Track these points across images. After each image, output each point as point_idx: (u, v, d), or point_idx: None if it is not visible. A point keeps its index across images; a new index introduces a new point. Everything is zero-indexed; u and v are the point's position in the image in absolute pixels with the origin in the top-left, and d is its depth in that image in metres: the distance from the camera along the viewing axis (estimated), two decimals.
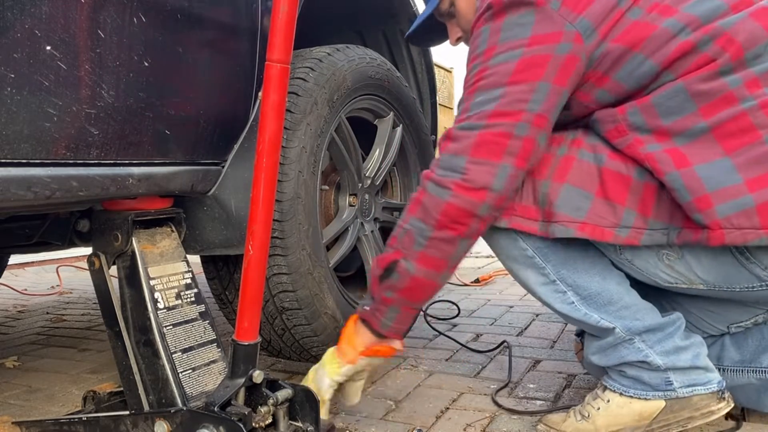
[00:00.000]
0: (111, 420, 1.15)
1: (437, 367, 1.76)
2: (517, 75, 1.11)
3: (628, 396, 1.18)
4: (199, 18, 1.18)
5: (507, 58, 1.12)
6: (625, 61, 1.11)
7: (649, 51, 1.10)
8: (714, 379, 1.16)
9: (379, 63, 1.69)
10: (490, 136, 1.11)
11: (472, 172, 1.11)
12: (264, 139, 1.03)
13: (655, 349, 1.16)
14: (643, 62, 1.10)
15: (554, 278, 1.20)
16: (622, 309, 1.18)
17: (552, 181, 1.14)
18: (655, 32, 1.10)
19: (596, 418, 1.19)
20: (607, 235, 1.10)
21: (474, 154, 1.11)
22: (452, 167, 1.13)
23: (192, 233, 1.35)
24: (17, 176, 0.91)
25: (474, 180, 1.11)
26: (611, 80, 1.13)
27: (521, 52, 1.11)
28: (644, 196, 1.10)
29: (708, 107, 1.06)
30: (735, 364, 1.28)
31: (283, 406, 1.09)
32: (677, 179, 1.04)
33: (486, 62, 1.14)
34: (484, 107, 1.12)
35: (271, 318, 1.47)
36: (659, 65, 1.09)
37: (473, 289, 3.06)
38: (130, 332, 1.15)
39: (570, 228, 1.12)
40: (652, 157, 1.08)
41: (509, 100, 1.11)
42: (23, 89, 0.89)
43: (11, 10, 0.86)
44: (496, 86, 1.12)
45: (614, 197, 1.11)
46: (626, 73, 1.11)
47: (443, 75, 9.89)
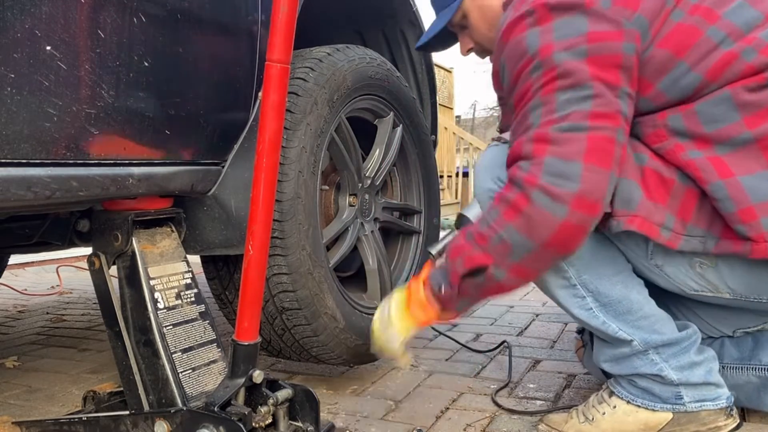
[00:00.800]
0: (111, 420, 1.15)
1: (437, 367, 1.76)
2: (598, 72, 1.04)
3: (635, 405, 1.17)
4: (199, 18, 1.18)
5: (573, 55, 1.05)
6: (670, 69, 1.07)
7: (693, 60, 1.06)
8: (723, 395, 1.16)
9: (379, 63, 1.69)
10: (600, 140, 1.02)
11: (589, 181, 1.01)
12: (264, 139, 1.03)
13: (670, 364, 1.15)
14: (687, 73, 1.06)
15: (575, 282, 1.18)
16: (640, 319, 1.16)
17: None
18: (700, 39, 1.06)
19: (601, 422, 1.19)
20: (654, 232, 1.07)
21: (588, 160, 1.01)
22: (565, 174, 1.01)
23: (192, 233, 1.35)
24: (17, 176, 0.91)
25: (592, 191, 1.01)
26: (654, 89, 1.09)
27: (586, 50, 1.04)
28: (684, 201, 1.07)
29: (753, 118, 1.04)
30: (734, 362, 1.28)
31: (283, 406, 1.09)
32: (721, 189, 1.02)
33: (549, 61, 1.06)
34: (580, 106, 1.03)
35: (271, 318, 1.47)
36: (703, 76, 1.05)
37: None
38: (130, 332, 1.15)
39: (621, 221, 1.07)
40: (693, 164, 1.05)
41: (605, 100, 1.03)
42: (23, 89, 0.89)
43: (11, 10, 0.86)
44: (582, 83, 1.04)
45: (657, 197, 1.08)
46: (670, 82, 1.07)
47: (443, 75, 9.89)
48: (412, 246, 1.91)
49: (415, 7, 2.02)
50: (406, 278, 1.86)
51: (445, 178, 8.88)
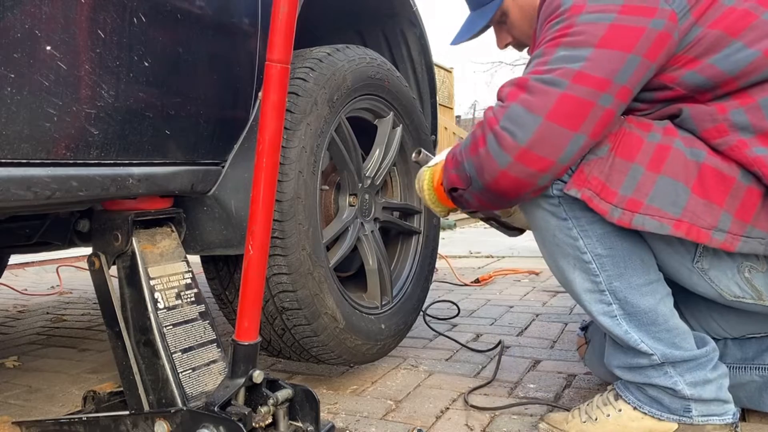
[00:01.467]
0: (111, 420, 1.15)
1: (437, 367, 1.76)
2: (608, 41, 1.04)
3: (642, 412, 1.16)
4: (199, 18, 1.18)
5: (597, 18, 1.05)
6: (723, 48, 1.05)
7: (749, 40, 1.05)
8: (730, 411, 1.14)
9: (379, 63, 1.69)
10: (573, 100, 1.03)
11: (542, 137, 1.03)
12: (264, 139, 1.03)
13: (684, 378, 1.13)
14: (743, 49, 1.05)
15: (604, 288, 1.14)
16: (663, 332, 1.14)
17: (646, 168, 1.05)
18: (756, 22, 1.05)
19: (605, 424, 1.18)
20: (704, 237, 1.03)
21: (551, 117, 1.03)
22: (521, 125, 1.04)
23: (192, 233, 1.35)
24: (17, 176, 0.91)
25: (542, 147, 1.03)
26: (704, 63, 1.07)
27: (613, 17, 1.05)
28: (745, 201, 1.03)
29: None
30: (737, 362, 1.27)
31: (283, 406, 1.09)
32: None
33: (572, 18, 1.07)
34: (570, 64, 1.04)
35: (271, 318, 1.47)
36: (761, 52, 1.04)
37: (473, 289, 3.06)
38: (130, 332, 1.15)
39: (665, 224, 1.04)
40: (761, 161, 1.02)
41: (598, 64, 1.04)
42: (23, 89, 0.89)
43: (11, 10, 0.86)
44: (584, 45, 1.05)
45: (713, 197, 1.04)
46: (723, 56, 1.05)
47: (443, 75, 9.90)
48: (412, 246, 1.91)
49: (415, 7, 2.02)
50: (406, 278, 1.86)
51: None
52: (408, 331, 1.83)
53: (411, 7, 2.00)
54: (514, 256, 4.27)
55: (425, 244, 1.92)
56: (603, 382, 1.51)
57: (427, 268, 1.93)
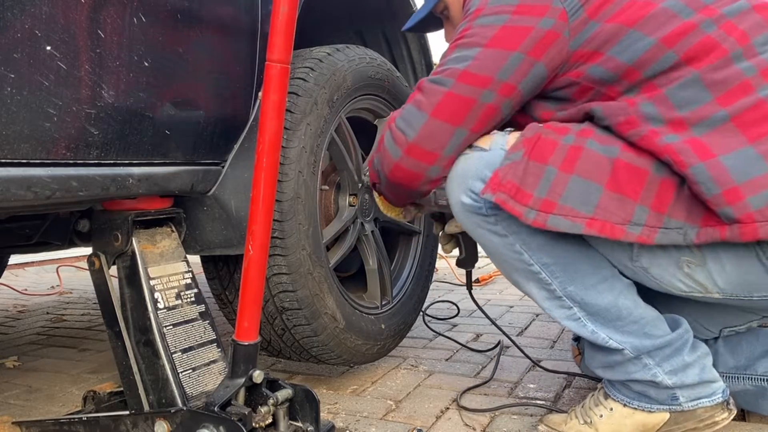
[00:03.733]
0: (111, 420, 1.15)
1: (437, 367, 1.76)
2: (497, 41, 1.12)
3: (632, 407, 1.17)
4: (199, 18, 1.18)
5: (492, 21, 1.14)
6: (620, 38, 1.09)
7: (647, 29, 1.08)
8: (718, 390, 1.14)
9: (379, 63, 1.69)
10: (456, 98, 1.13)
11: (427, 133, 1.14)
12: (264, 139, 1.03)
13: (663, 368, 1.13)
14: (641, 38, 1.08)
15: (560, 294, 1.15)
16: (630, 324, 1.14)
17: (558, 169, 1.06)
18: (654, 11, 1.08)
19: (599, 425, 1.18)
20: (618, 232, 1.03)
21: (435, 114, 1.13)
22: (411, 122, 1.16)
23: (192, 233, 1.35)
24: (17, 176, 0.91)
25: (427, 143, 1.14)
26: (605, 55, 1.11)
27: (506, 19, 1.13)
28: (660, 192, 1.03)
29: (725, 96, 1.02)
30: (730, 371, 1.27)
31: (283, 406, 1.09)
32: (702, 171, 0.98)
33: (472, 21, 1.16)
34: (457, 64, 1.14)
35: (271, 318, 1.47)
36: (658, 41, 1.07)
37: (473, 289, 3.06)
38: (130, 332, 1.15)
39: (578, 223, 1.04)
40: (671, 148, 1.02)
41: (482, 63, 1.12)
42: (23, 89, 0.89)
43: (11, 10, 0.86)
44: (473, 46, 1.14)
45: (627, 191, 1.04)
46: (621, 48, 1.09)
47: None
48: (412, 246, 1.91)
49: (415, 7, 2.02)
50: (406, 278, 1.86)
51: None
52: (408, 331, 1.83)
53: (411, 7, 2.00)
54: None
55: (425, 244, 1.92)
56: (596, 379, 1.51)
57: (427, 268, 1.93)
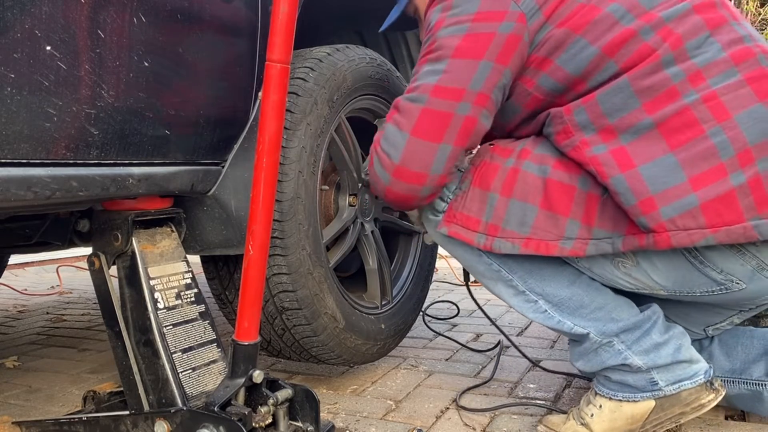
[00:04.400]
0: (111, 420, 1.15)
1: (437, 367, 1.76)
2: (462, 50, 1.12)
3: (617, 400, 1.17)
4: (199, 18, 1.18)
5: (454, 31, 1.14)
6: (568, 45, 1.11)
7: (592, 36, 1.09)
8: (700, 371, 1.14)
9: (379, 63, 1.69)
10: (432, 114, 1.12)
11: (410, 154, 1.13)
12: (264, 139, 1.03)
13: (633, 350, 1.14)
14: (586, 47, 1.09)
15: (523, 289, 1.20)
16: (595, 311, 1.17)
17: (499, 194, 1.14)
18: (599, 16, 1.09)
19: (591, 424, 1.19)
20: (552, 249, 1.10)
21: (415, 133, 1.13)
22: (394, 144, 1.15)
23: (192, 233, 1.35)
24: (17, 176, 0.91)
25: (412, 163, 1.13)
26: (553, 64, 1.12)
27: (467, 27, 1.13)
28: (588, 206, 1.08)
29: (652, 103, 1.04)
30: (725, 374, 1.27)
31: (283, 406, 1.09)
32: (621, 182, 1.03)
33: (435, 34, 1.16)
34: (428, 79, 1.14)
35: (271, 318, 1.47)
36: (600, 50, 1.08)
37: (473, 289, 3.06)
38: (130, 332, 1.15)
39: (516, 244, 1.12)
40: (596, 160, 1.06)
41: (453, 75, 1.12)
42: (23, 89, 0.89)
43: (11, 10, 0.86)
44: (441, 59, 1.14)
45: (558, 209, 1.09)
46: (568, 57, 1.11)
47: None
48: (412, 246, 1.91)
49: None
50: (406, 278, 1.86)
51: None
52: (408, 331, 1.83)
53: None
54: None
55: (425, 244, 1.92)
56: None
57: (427, 268, 1.93)
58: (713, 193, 0.98)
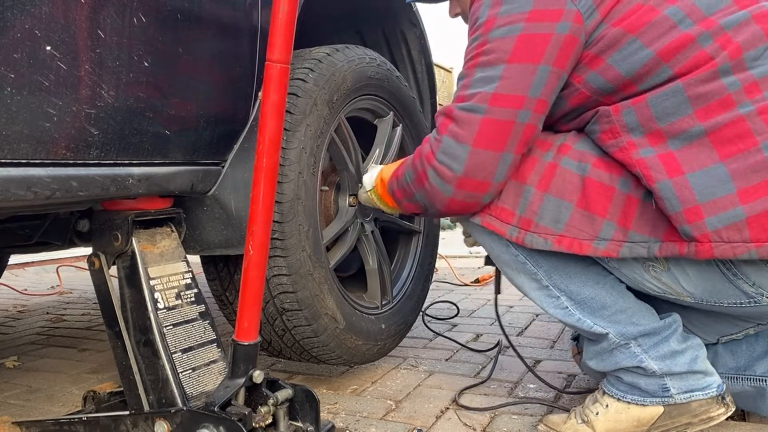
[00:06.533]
0: (111, 420, 1.15)
1: (437, 367, 1.76)
2: (518, 54, 1.09)
3: (625, 402, 1.17)
4: (199, 18, 1.18)
5: (507, 32, 1.10)
6: (622, 45, 1.08)
7: (647, 38, 1.07)
8: (713, 383, 1.14)
9: (379, 63, 1.69)
10: (494, 124, 1.09)
11: (474, 164, 1.11)
12: (264, 139, 1.03)
13: (650, 354, 1.14)
14: (640, 49, 1.07)
15: (547, 284, 1.19)
16: (617, 313, 1.16)
17: (535, 189, 1.13)
18: (656, 18, 1.07)
19: (595, 422, 1.19)
20: (585, 248, 1.09)
21: (477, 144, 1.10)
22: (454, 155, 1.12)
23: (192, 233, 1.35)
24: (17, 176, 0.91)
25: (477, 173, 1.11)
26: (605, 63, 1.10)
27: (521, 28, 1.09)
28: (626, 208, 1.07)
29: (705, 110, 1.02)
30: (729, 371, 1.27)
31: (283, 406, 1.09)
32: (668, 188, 1.01)
33: (486, 34, 1.12)
34: (485, 87, 1.10)
35: (272, 319, 1.47)
36: (656, 54, 1.06)
37: (473, 290, 3.06)
38: (130, 332, 1.15)
39: (549, 240, 1.11)
40: (644, 163, 1.04)
41: (511, 82, 1.09)
42: (23, 89, 0.89)
43: (11, 10, 0.86)
44: (496, 63, 1.10)
45: (595, 208, 1.08)
46: (621, 57, 1.08)
47: (443, 75, 9.89)
48: (413, 246, 1.91)
49: (415, 7, 2.02)
50: (406, 278, 1.86)
51: None
52: (408, 331, 1.83)
53: (411, 6, 2.00)
54: None
55: (425, 244, 1.92)
56: None
57: (427, 268, 1.93)
58: (761, 208, 0.97)
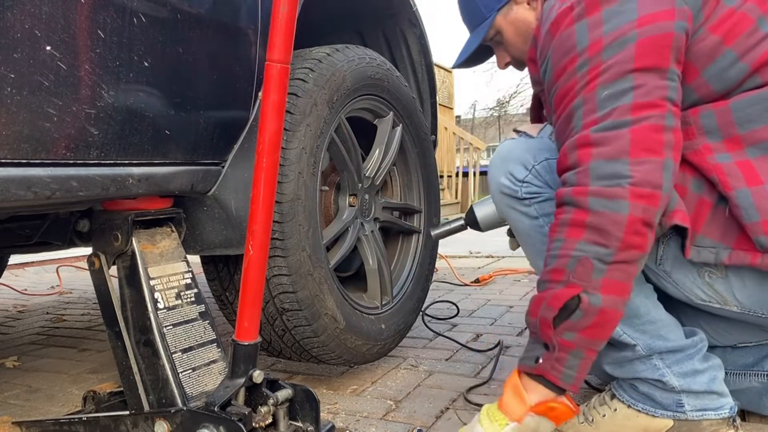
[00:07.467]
0: (111, 420, 1.15)
1: (437, 367, 1.76)
2: (643, 59, 1.00)
3: (636, 410, 1.16)
4: (199, 18, 1.18)
5: (622, 45, 1.01)
6: (718, 57, 1.03)
7: (741, 50, 1.02)
8: (726, 405, 1.13)
9: (379, 63, 1.69)
10: (645, 131, 0.98)
11: (641, 173, 0.97)
12: (264, 139, 1.03)
13: (672, 369, 1.13)
14: (735, 63, 1.02)
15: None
16: (646, 324, 1.14)
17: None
18: (751, 28, 1.03)
19: (600, 424, 1.18)
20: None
21: (634, 154, 0.98)
22: (614, 174, 0.98)
23: (192, 233, 1.35)
24: (17, 176, 0.91)
25: (645, 182, 0.97)
26: (700, 77, 1.04)
27: (636, 34, 1.00)
28: (697, 211, 1.04)
29: None
30: (737, 369, 1.27)
31: (284, 406, 1.09)
32: (746, 197, 0.99)
33: (597, 57, 1.02)
34: (620, 101, 1.00)
35: (272, 319, 1.47)
36: (750, 67, 1.02)
37: (473, 289, 3.06)
38: (130, 332, 1.15)
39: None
40: (720, 168, 1.01)
41: (647, 89, 0.99)
42: (23, 89, 0.89)
43: (11, 10, 0.86)
44: (622, 75, 1.00)
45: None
46: (716, 71, 1.03)
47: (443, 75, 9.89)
48: (413, 246, 1.91)
49: (415, 7, 2.02)
50: (406, 278, 1.86)
51: (445, 177, 8.89)
52: (408, 330, 1.83)
53: (411, 6, 2.00)
54: (514, 256, 4.26)
55: (425, 243, 1.92)
56: (603, 382, 1.51)
57: (427, 267, 1.93)
58: None
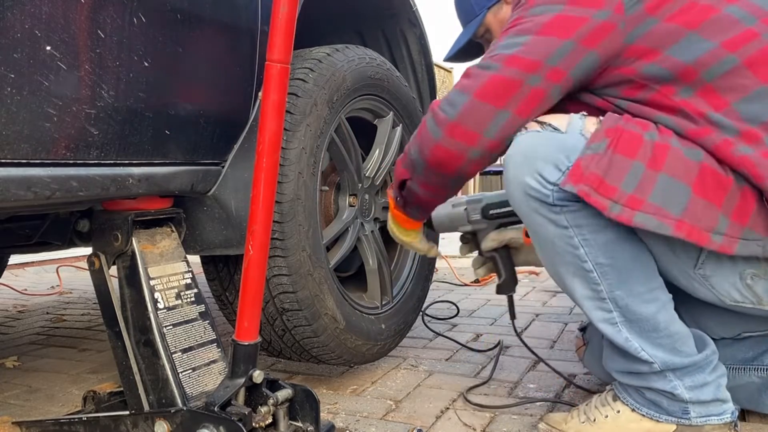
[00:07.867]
0: (111, 420, 1.15)
1: (437, 367, 1.76)
2: (548, 28, 1.10)
3: (640, 414, 1.15)
4: (199, 18, 1.18)
5: (545, 10, 1.12)
6: (680, 39, 1.07)
7: (708, 33, 1.06)
8: (728, 410, 1.13)
9: (379, 63, 1.69)
10: (501, 80, 1.10)
11: (468, 113, 1.12)
12: (264, 140, 1.03)
13: (684, 382, 1.12)
14: (701, 41, 1.06)
15: (605, 296, 1.12)
16: (664, 337, 1.12)
17: (646, 166, 1.03)
18: (716, 15, 1.07)
19: (603, 424, 1.18)
20: (704, 239, 1.01)
21: (478, 95, 1.11)
22: (453, 103, 1.14)
23: (192, 233, 1.35)
24: (17, 176, 0.91)
25: (467, 122, 1.12)
26: (662, 54, 1.09)
27: (560, 9, 1.11)
28: (741, 203, 1.02)
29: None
30: (737, 363, 1.27)
31: (284, 406, 1.09)
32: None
33: (524, 12, 1.14)
34: (506, 50, 1.12)
35: (272, 319, 1.47)
36: (720, 44, 1.05)
37: (473, 289, 3.06)
38: (130, 332, 1.15)
39: (666, 224, 1.01)
40: (748, 161, 1.00)
41: (532, 48, 1.10)
42: (23, 89, 0.89)
43: (11, 10, 0.86)
44: (524, 33, 1.12)
45: (712, 198, 1.02)
46: (681, 48, 1.08)
47: (443, 75, 9.89)
48: None
49: (414, 7, 2.02)
50: (406, 278, 1.86)
51: None
52: (408, 330, 1.83)
53: (411, 6, 2.00)
54: None
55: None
56: (603, 382, 1.51)
57: (427, 267, 1.93)
58: None
